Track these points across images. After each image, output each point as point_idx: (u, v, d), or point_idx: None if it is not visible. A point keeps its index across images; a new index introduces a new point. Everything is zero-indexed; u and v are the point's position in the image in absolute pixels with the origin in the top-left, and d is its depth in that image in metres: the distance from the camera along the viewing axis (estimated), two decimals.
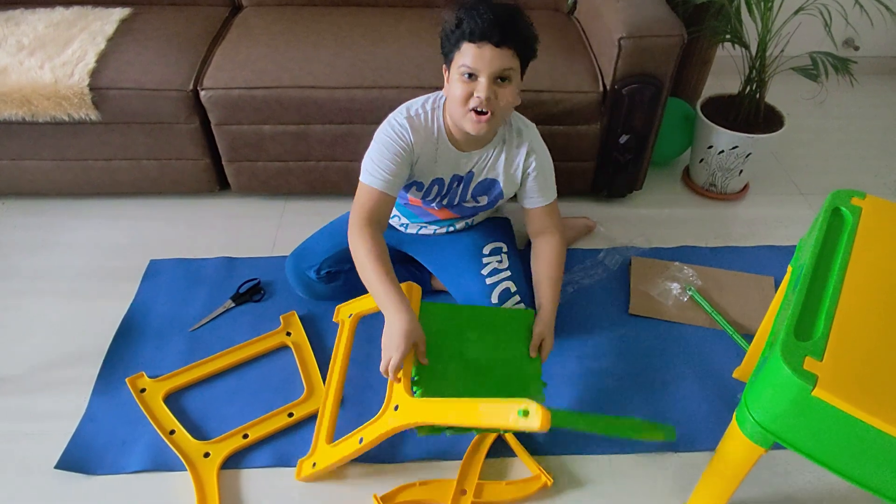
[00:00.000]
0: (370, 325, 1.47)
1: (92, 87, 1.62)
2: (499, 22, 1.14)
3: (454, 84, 1.21)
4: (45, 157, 1.77)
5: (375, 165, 1.27)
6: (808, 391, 0.80)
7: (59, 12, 1.84)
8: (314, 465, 1.22)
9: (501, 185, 1.39)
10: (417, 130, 1.28)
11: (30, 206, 1.88)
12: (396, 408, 1.16)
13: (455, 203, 1.45)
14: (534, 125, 1.41)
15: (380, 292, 1.19)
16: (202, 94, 1.65)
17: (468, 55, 1.16)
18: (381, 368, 1.15)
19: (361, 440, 1.18)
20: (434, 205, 1.45)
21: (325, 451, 1.23)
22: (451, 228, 1.52)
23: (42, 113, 1.63)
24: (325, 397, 1.33)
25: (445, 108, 1.29)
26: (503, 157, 1.36)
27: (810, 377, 0.80)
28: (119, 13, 1.83)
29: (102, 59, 1.67)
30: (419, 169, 1.33)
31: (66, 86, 1.60)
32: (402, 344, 1.13)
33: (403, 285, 1.25)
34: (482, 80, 1.17)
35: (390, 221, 1.50)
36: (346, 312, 1.47)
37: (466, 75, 1.18)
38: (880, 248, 1.00)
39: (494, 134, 1.34)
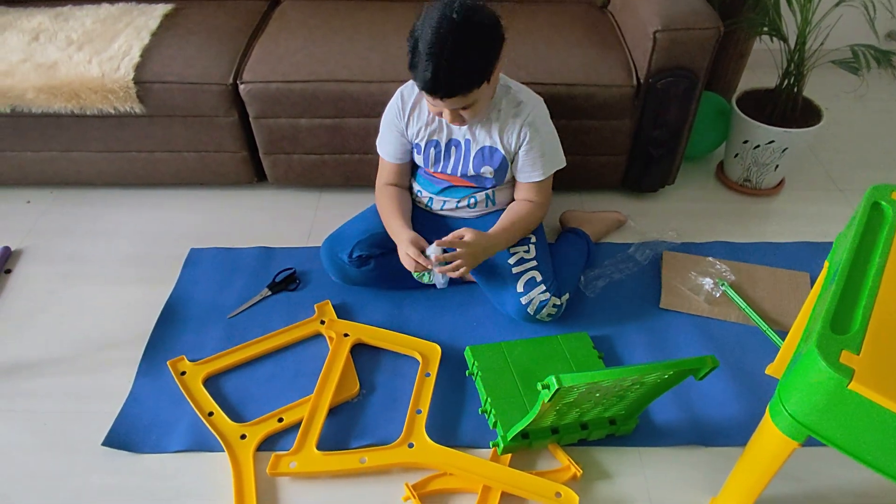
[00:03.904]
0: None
1: (137, 81, 1.67)
2: (440, 81, 1.20)
3: (426, 98, 1.31)
4: (92, 149, 1.84)
5: (382, 139, 1.53)
6: (844, 385, 0.80)
7: (105, 8, 1.90)
8: (293, 464, 1.24)
9: (502, 152, 1.43)
10: (406, 100, 1.44)
11: (77, 196, 1.95)
12: (412, 445, 1.24)
13: (460, 171, 1.48)
14: (540, 100, 1.45)
15: (391, 224, 1.47)
16: (241, 87, 1.70)
17: (426, 95, 1.27)
18: (403, 260, 1.41)
19: (364, 461, 1.24)
20: (437, 169, 1.50)
21: (311, 456, 1.25)
22: (472, 201, 1.54)
23: (90, 106, 1.69)
24: (315, 400, 1.34)
25: None
26: (498, 122, 1.41)
27: (846, 371, 0.80)
28: (162, 8, 1.89)
29: (146, 53, 1.72)
30: (412, 132, 1.46)
31: (113, 80, 1.66)
32: (410, 246, 1.38)
33: (425, 345, 1.45)
34: (445, 112, 1.31)
35: (419, 200, 1.60)
36: (343, 330, 1.49)
37: (430, 102, 1.30)
38: None
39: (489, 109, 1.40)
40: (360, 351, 1.48)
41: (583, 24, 1.84)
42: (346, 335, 1.48)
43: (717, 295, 1.58)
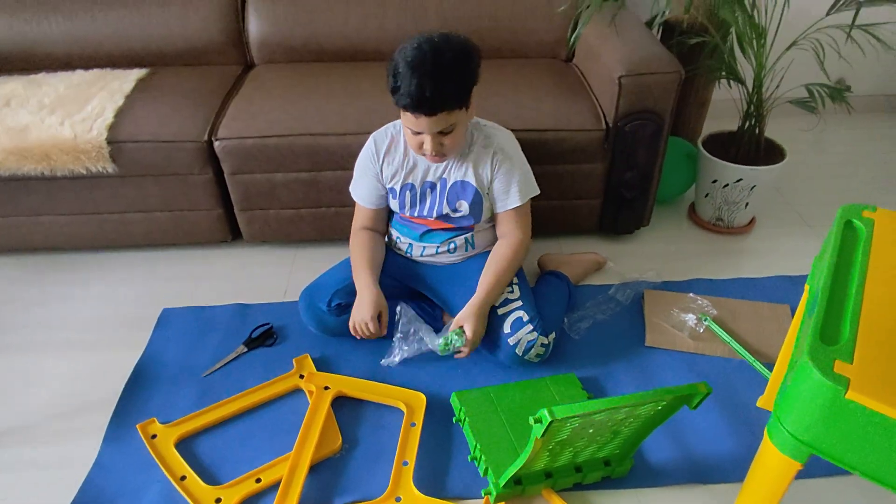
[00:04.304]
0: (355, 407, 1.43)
1: (110, 141, 1.66)
2: (425, 97, 1.22)
3: (406, 132, 1.35)
4: (62, 212, 1.81)
5: (356, 184, 1.53)
6: (842, 394, 0.78)
7: (80, 74, 1.92)
8: None
9: (475, 185, 1.43)
10: (380, 143, 1.46)
11: (45, 261, 1.90)
12: (399, 499, 1.20)
13: (435, 213, 1.48)
14: (508, 132, 1.49)
15: (358, 275, 1.47)
16: (216, 144, 1.70)
17: (408, 118, 1.29)
18: (350, 326, 1.44)
19: None
20: (415, 213, 1.50)
21: None
22: (452, 246, 1.52)
23: (61, 167, 1.67)
24: (295, 458, 1.27)
25: None
26: (471, 158, 1.42)
27: (842, 380, 0.79)
28: (137, 73, 1.91)
29: (120, 114, 1.72)
30: (388, 176, 1.47)
31: (85, 140, 1.65)
32: (370, 309, 1.41)
33: (409, 394, 1.42)
34: (427, 138, 1.31)
35: (397, 247, 1.59)
36: (323, 383, 1.44)
37: (411, 131, 1.31)
38: None
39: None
40: (342, 404, 1.42)
41: (549, 75, 1.91)
42: (326, 388, 1.43)
43: (701, 330, 1.57)
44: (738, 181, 1.83)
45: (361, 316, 1.42)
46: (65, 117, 1.70)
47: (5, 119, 1.70)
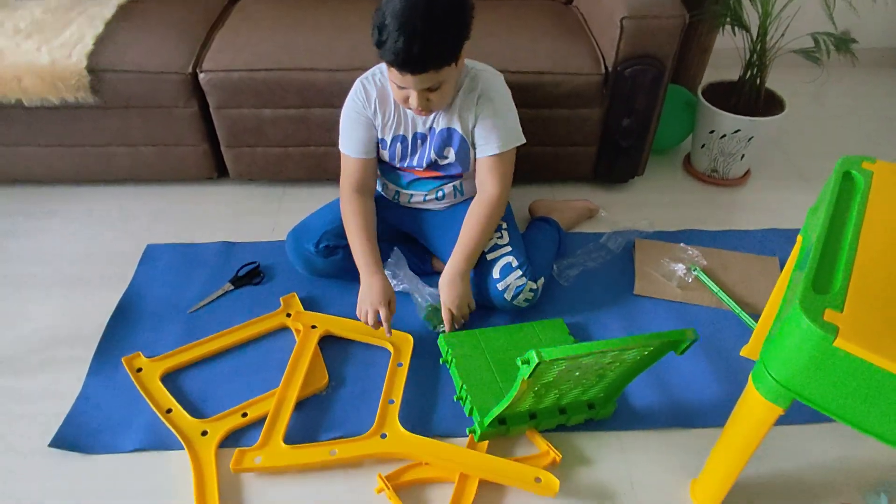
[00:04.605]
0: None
1: (90, 70, 1.60)
2: (412, 56, 1.14)
3: (392, 85, 1.27)
4: (42, 143, 1.75)
5: (345, 135, 1.41)
6: (830, 342, 0.78)
7: None
8: (258, 459, 1.17)
9: (460, 132, 1.37)
10: (370, 91, 1.36)
11: (26, 193, 1.85)
12: (384, 435, 1.20)
13: (425, 162, 1.43)
14: (497, 75, 1.40)
15: (359, 254, 1.38)
16: (201, 76, 1.64)
17: (394, 74, 1.21)
18: (361, 316, 1.34)
19: (334, 452, 1.18)
20: (405, 164, 1.44)
21: (278, 450, 1.19)
22: (441, 193, 1.49)
23: (38, 96, 1.60)
24: (282, 392, 1.27)
25: None
26: (457, 104, 1.35)
27: (831, 328, 0.79)
28: None
29: (100, 42, 1.65)
30: (378, 126, 1.39)
31: (63, 67, 1.58)
32: (381, 298, 1.32)
33: (397, 335, 1.40)
34: (412, 94, 1.23)
35: (383, 192, 1.54)
36: (311, 321, 1.43)
37: (396, 85, 1.24)
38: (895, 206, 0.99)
39: None
40: (329, 343, 1.42)
41: (548, 16, 1.84)
42: (313, 327, 1.42)
43: (690, 280, 1.57)
44: (735, 132, 1.80)
45: (372, 303, 1.33)
46: (42, 43, 1.63)
47: None
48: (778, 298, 1.28)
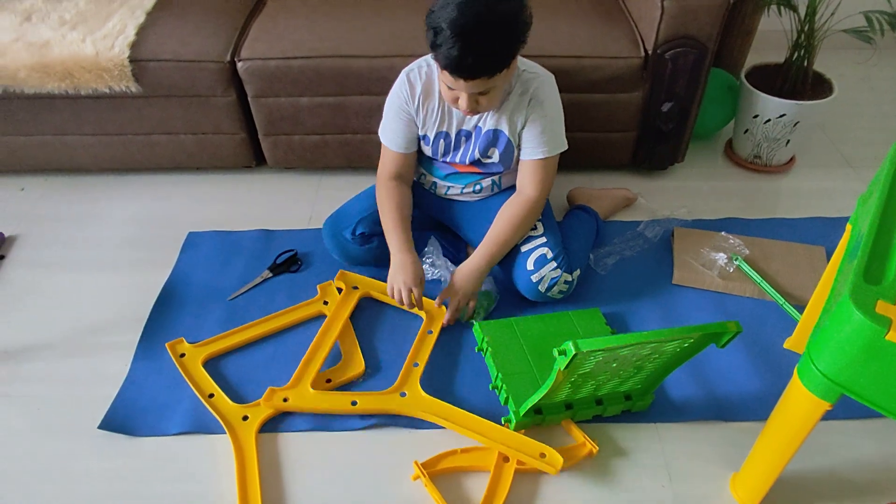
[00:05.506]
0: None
1: (132, 60, 1.63)
2: (466, 61, 1.13)
3: (441, 84, 1.26)
4: (87, 132, 1.80)
5: (386, 127, 1.41)
6: (882, 335, 0.75)
7: None
8: (286, 399, 1.25)
9: (508, 135, 1.36)
10: (415, 86, 1.35)
11: (72, 181, 1.91)
12: (404, 394, 1.24)
13: (468, 160, 1.42)
14: (549, 77, 1.37)
15: (391, 232, 1.39)
16: (239, 65, 1.65)
17: (446, 75, 1.19)
18: (394, 295, 1.35)
19: (355, 403, 1.24)
20: (447, 159, 1.44)
21: (305, 394, 1.26)
22: (478, 187, 1.48)
23: (84, 86, 1.65)
24: (318, 340, 1.35)
25: None
26: (507, 107, 1.34)
27: (884, 320, 0.76)
28: None
29: (142, 31, 1.68)
30: (421, 121, 1.38)
31: (107, 58, 1.61)
32: (413, 278, 1.34)
33: (430, 304, 1.42)
34: (463, 95, 1.22)
35: (419, 181, 1.54)
36: (353, 282, 1.49)
37: (447, 86, 1.22)
38: None
39: None
40: (366, 306, 1.49)
41: (586, 0, 1.80)
42: (355, 287, 1.48)
43: (731, 270, 1.53)
44: (780, 116, 1.74)
45: (405, 281, 1.34)
46: (86, 34, 1.66)
47: (27, 34, 1.66)
48: (825, 289, 1.24)
